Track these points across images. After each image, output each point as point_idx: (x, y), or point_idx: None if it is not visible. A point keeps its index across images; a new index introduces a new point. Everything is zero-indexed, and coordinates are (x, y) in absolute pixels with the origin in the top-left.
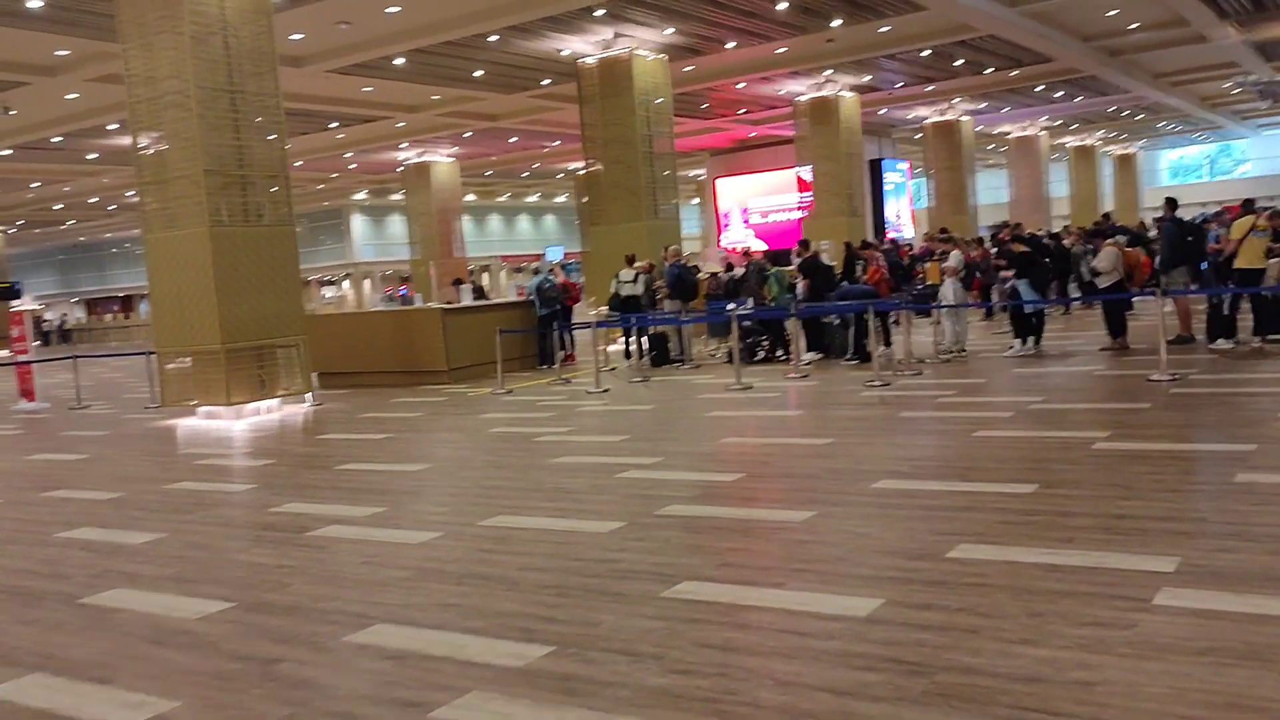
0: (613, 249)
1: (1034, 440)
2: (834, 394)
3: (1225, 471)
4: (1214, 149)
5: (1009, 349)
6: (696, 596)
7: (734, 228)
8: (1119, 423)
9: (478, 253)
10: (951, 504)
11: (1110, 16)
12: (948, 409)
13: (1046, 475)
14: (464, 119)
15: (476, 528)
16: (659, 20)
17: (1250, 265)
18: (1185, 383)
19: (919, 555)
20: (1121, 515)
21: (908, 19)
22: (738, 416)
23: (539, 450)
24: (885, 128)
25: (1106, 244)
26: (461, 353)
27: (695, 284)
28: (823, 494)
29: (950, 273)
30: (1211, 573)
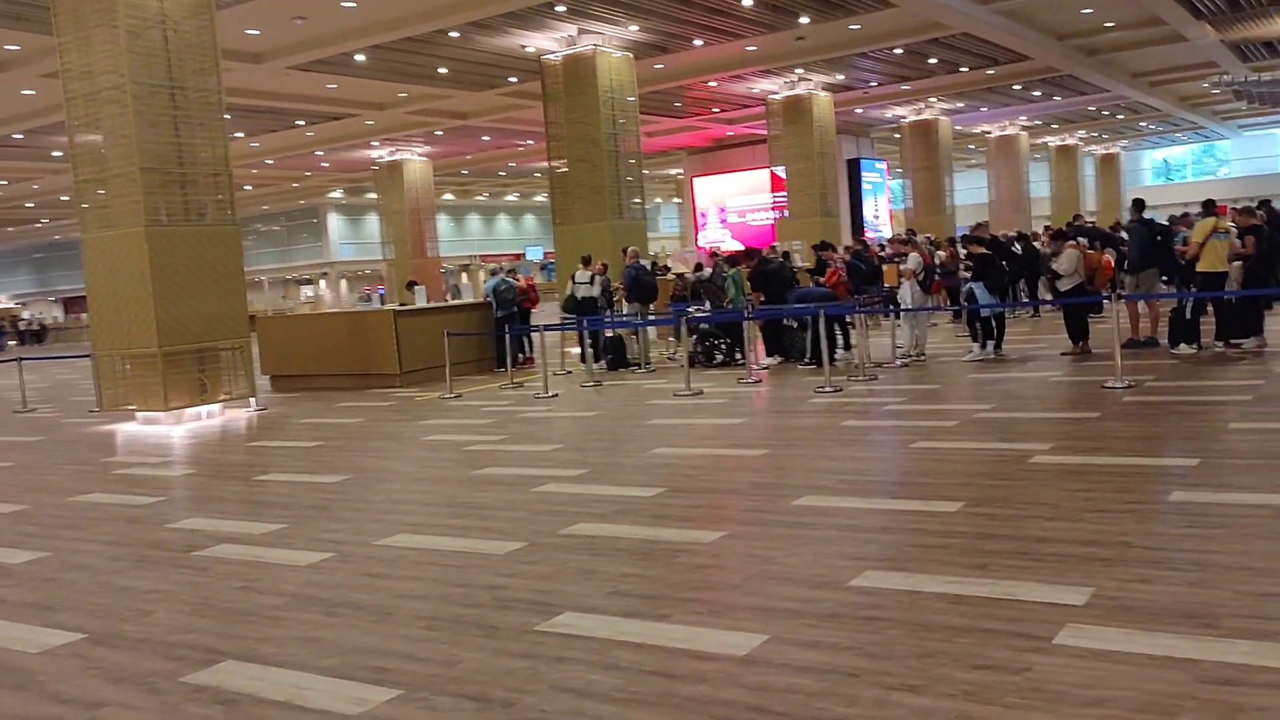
0: (579, 249)
1: (972, 453)
2: (782, 400)
3: (1161, 489)
4: (1198, 149)
5: (968, 353)
6: (573, 630)
7: (711, 227)
8: (1064, 434)
9: (457, 252)
10: (869, 524)
11: (1086, 15)
12: (893, 417)
13: (975, 492)
14: (434, 117)
15: (370, 548)
16: (623, 17)
17: (1212, 269)
18: (1141, 390)
19: (820, 583)
20: (1042, 538)
21: (878, 16)
22: (678, 425)
23: (465, 461)
24: (863, 127)
25: (1067, 246)
26: (415, 356)
27: (653, 286)
28: (739, 512)
29: (908, 275)
30: (1123, 606)
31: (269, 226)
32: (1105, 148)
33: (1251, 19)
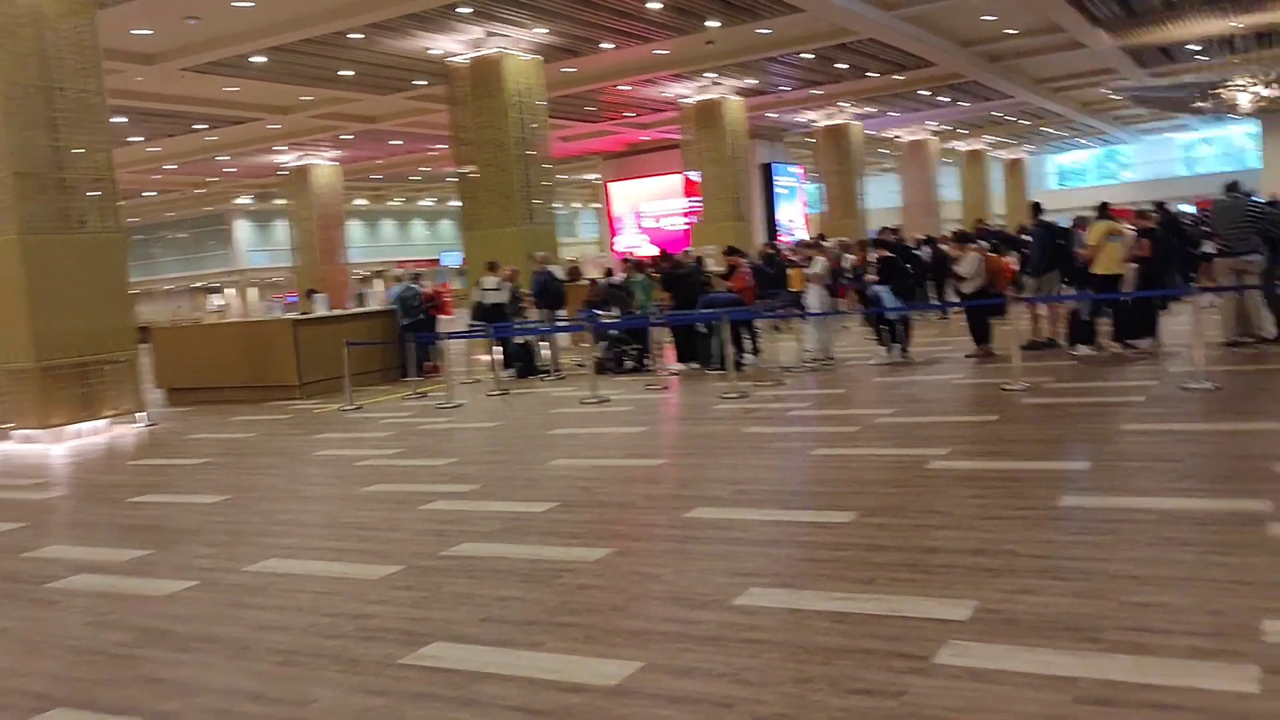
0: (490, 254)
1: (870, 459)
2: (687, 407)
3: (1052, 495)
4: (1100, 153)
5: (875, 357)
6: (438, 662)
7: (628, 232)
8: (961, 438)
9: (371, 258)
10: (760, 537)
11: (987, 22)
12: (796, 423)
13: (869, 501)
14: (341, 121)
15: (238, 574)
16: (530, 19)
17: (1108, 271)
18: (1039, 392)
19: (703, 603)
20: (932, 548)
21: (786, 21)
22: (580, 434)
23: (353, 477)
24: (777, 132)
25: (969, 249)
26: (315, 366)
27: (561, 292)
28: (629, 527)
29: (814, 280)
30: (1006, 620)
31: (175, 234)
32: (1011, 152)
33: (1146, 25)
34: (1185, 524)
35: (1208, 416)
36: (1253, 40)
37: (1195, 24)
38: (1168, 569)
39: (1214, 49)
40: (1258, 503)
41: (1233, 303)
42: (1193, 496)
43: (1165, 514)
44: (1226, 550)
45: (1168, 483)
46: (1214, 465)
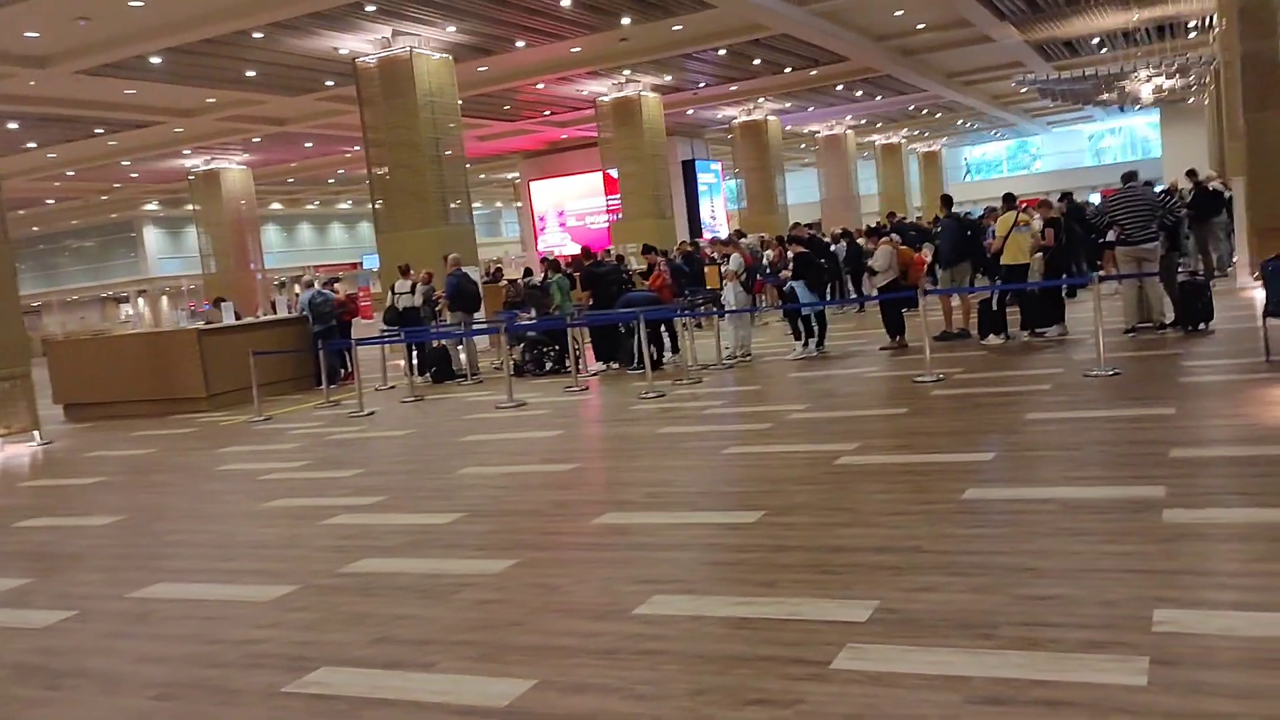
0: (404, 257)
1: (781, 457)
2: (603, 409)
3: (956, 487)
4: (1013, 145)
5: (792, 352)
6: (324, 689)
7: (551, 231)
8: (871, 432)
9: (290, 263)
10: (667, 541)
11: (898, 17)
12: (710, 422)
13: (777, 500)
14: (249, 123)
15: (122, 602)
16: (439, 18)
17: (1015, 261)
18: (949, 383)
19: (603, 613)
20: (837, 547)
21: (699, 17)
22: (492, 440)
23: (255, 493)
24: (696, 128)
25: (881, 243)
26: (223, 377)
27: (476, 294)
28: (536, 535)
29: (730, 277)
30: (905, 620)
31: (81, 242)
32: (928, 145)
33: (1050, 20)
34: (1083, 513)
35: (1108, 403)
36: (1152, 33)
37: (1097, 18)
38: (1064, 560)
39: (1116, 42)
40: (1153, 489)
41: (1133, 290)
42: (1091, 485)
43: (1064, 504)
44: (1121, 539)
45: (1068, 472)
46: (1112, 452)
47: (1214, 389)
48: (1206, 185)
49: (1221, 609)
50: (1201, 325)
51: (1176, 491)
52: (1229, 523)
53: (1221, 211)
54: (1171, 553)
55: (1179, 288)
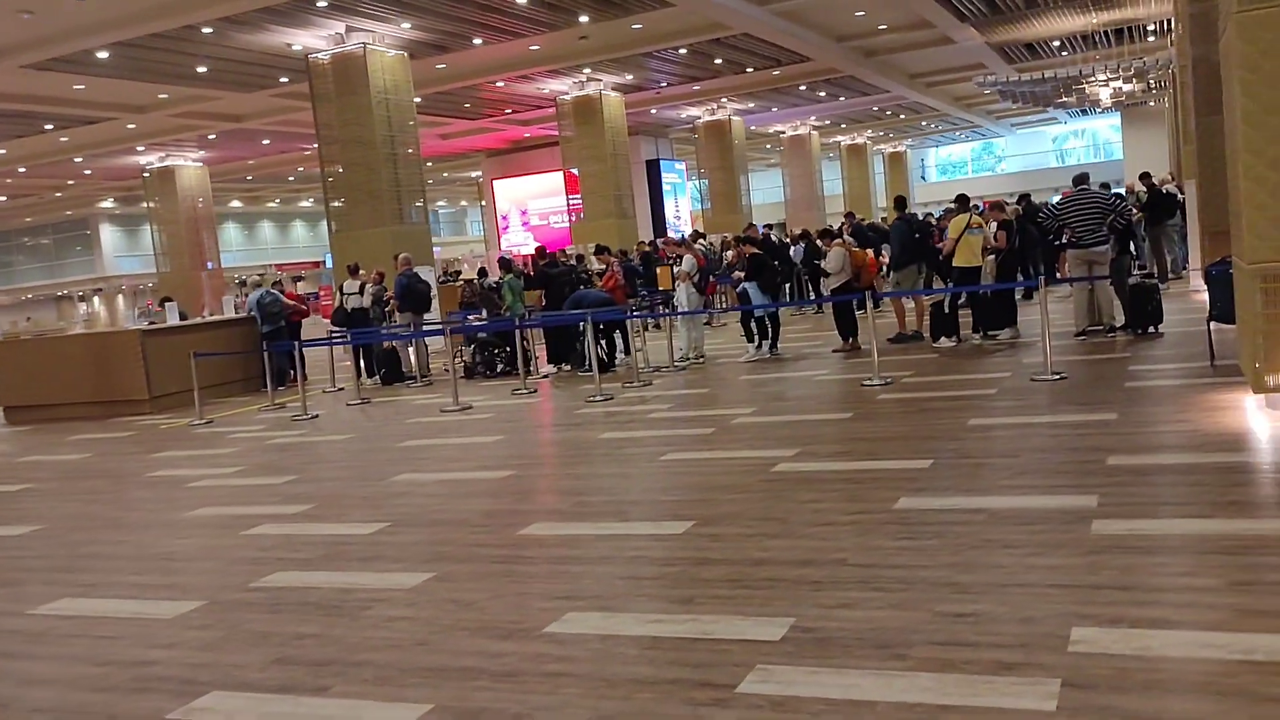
0: (358, 257)
1: (718, 463)
2: (549, 412)
3: (889, 496)
4: (978, 146)
5: (745, 354)
6: (210, 716)
7: (513, 230)
8: (813, 437)
9: (251, 262)
10: (590, 554)
11: (859, 17)
12: (653, 426)
13: (708, 509)
14: (203, 120)
15: (20, 619)
16: (394, 14)
17: (967, 263)
18: (896, 387)
19: (513, 632)
20: (761, 560)
21: (658, 16)
22: (432, 445)
23: (181, 501)
24: (661, 128)
25: (834, 244)
26: (168, 379)
27: (427, 294)
28: (457, 548)
29: (682, 278)
30: (819, 639)
31: (35, 240)
32: (893, 146)
33: (1010, 22)
34: (1012, 524)
35: (1052, 408)
36: (1112, 36)
37: (1057, 21)
38: (988, 574)
39: (1076, 45)
40: (1085, 499)
41: (1084, 293)
42: (1025, 494)
43: (994, 514)
44: (1048, 551)
45: (1003, 480)
46: (1050, 460)
47: (1158, 394)
48: (1160, 188)
49: (1140, 627)
50: (1151, 328)
51: (1109, 501)
52: (1157, 534)
53: (1175, 214)
54: (1096, 566)
55: (1129, 291)
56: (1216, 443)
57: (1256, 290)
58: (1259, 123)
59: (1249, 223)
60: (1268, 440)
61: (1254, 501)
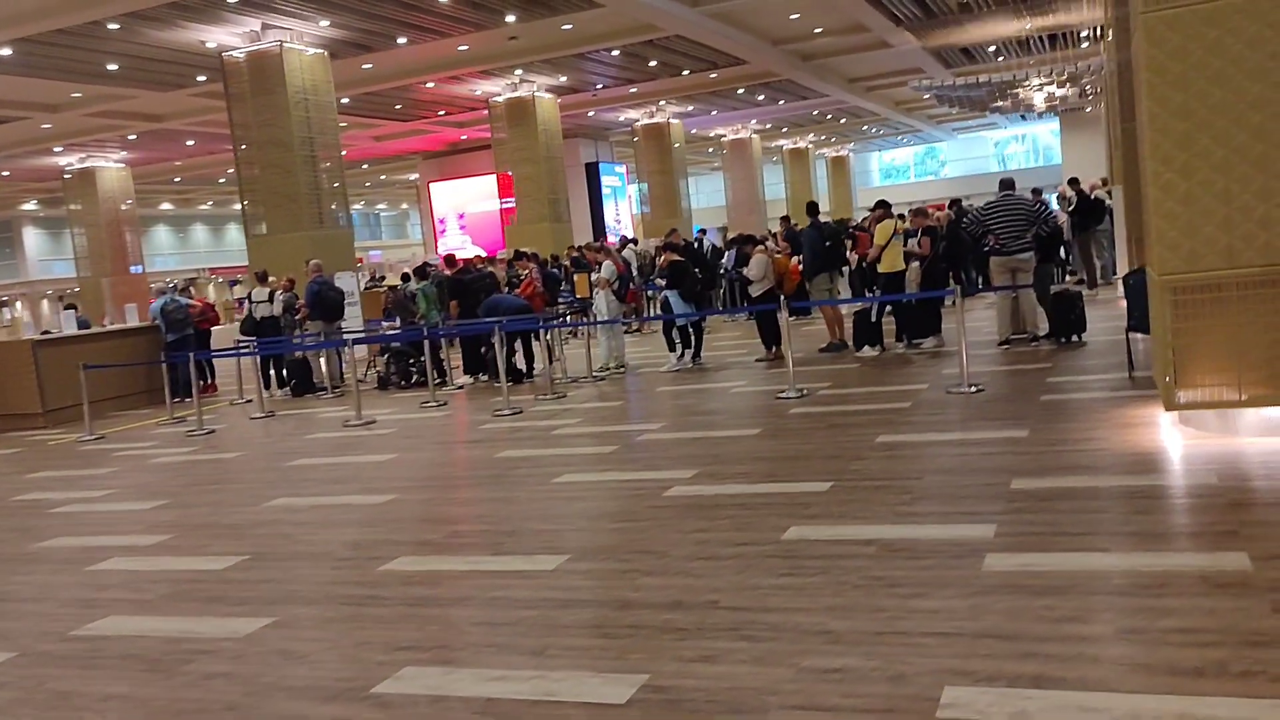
0: (275, 262)
1: (611, 487)
2: (453, 428)
3: (781, 524)
4: (921, 151)
5: (666, 364)
6: None
7: (451, 233)
8: (715, 456)
9: (185, 265)
10: (449, 594)
11: (794, 20)
12: (554, 444)
13: (588, 540)
14: (122, 119)
15: None
16: (311, 12)
17: (892, 269)
18: (811, 400)
19: (339, 693)
20: (628, 602)
21: (588, 16)
22: (320, 465)
23: (35, 530)
24: (601, 131)
25: (756, 251)
26: (64, 391)
27: (338, 302)
28: (312, 586)
29: (602, 285)
30: (669, 700)
31: None
32: (836, 150)
33: (945, 27)
34: (902, 558)
35: (964, 424)
36: (1046, 41)
37: (991, 26)
38: (865, 620)
39: (1012, 50)
40: (982, 528)
41: (1007, 301)
42: (920, 523)
43: (886, 545)
44: (933, 591)
45: (901, 505)
46: (952, 483)
47: (1072, 408)
48: (1090, 194)
49: (1018, 685)
50: (1075, 337)
51: (1005, 532)
52: (1050, 570)
53: (1104, 220)
54: (981, 610)
55: (1051, 299)
56: (1124, 464)
57: (1167, 303)
58: (1166, 128)
59: (1157, 232)
60: (1178, 461)
61: (1153, 532)
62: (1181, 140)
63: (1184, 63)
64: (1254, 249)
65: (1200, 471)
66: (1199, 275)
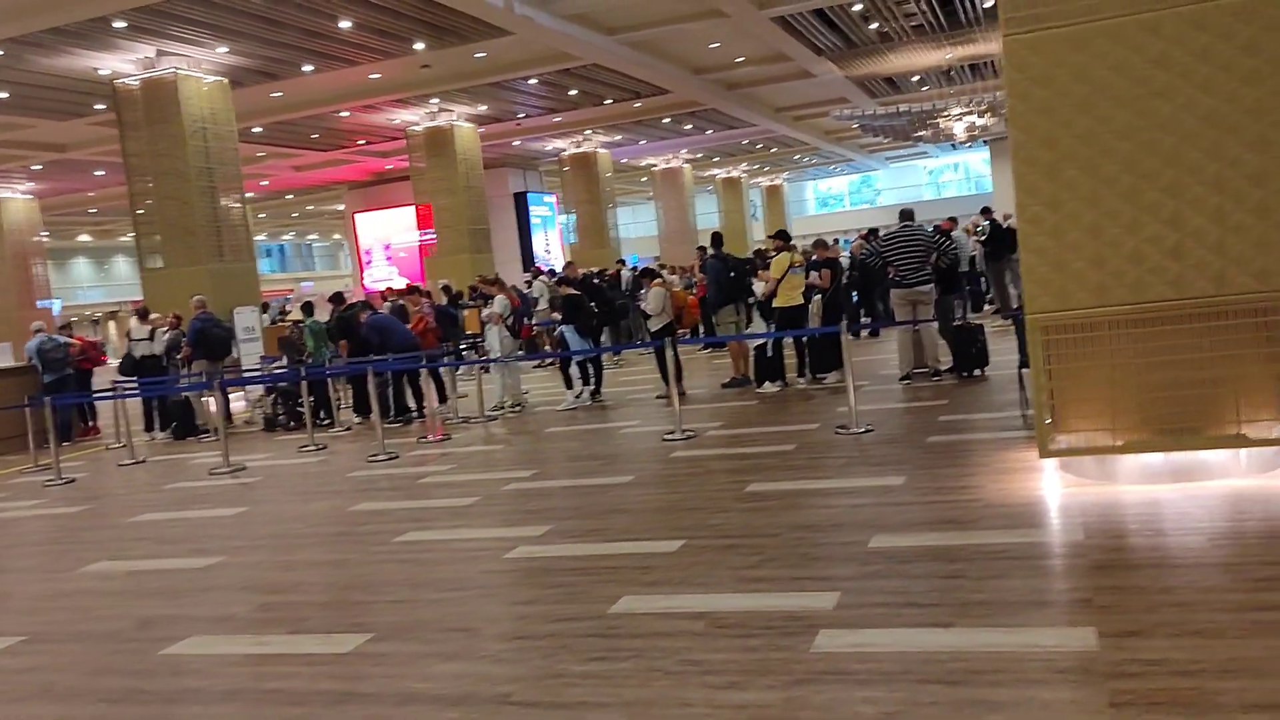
0: (172, 297)
1: (455, 547)
2: (323, 475)
3: (613, 594)
4: (857, 180)
5: (564, 402)
6: None
7: (377, 265)
8: (575, 509)
9: (108, 298)
10: (213, 687)
11: (714, 49)
12: (414, 495)
13: (402, 614)
14: (22, 149)
15: None
16: (207, 38)
17: (790, 303)
18: (697, 442)
19: None
20: (410, 696)
21: (500, 45)
22: (159, 522)
23: None
24: (529, 160)
25: (654, 284)
26: None
27: (224, 340)
28: (76, 677)
29: (494, 320)
30: None
31: None
32: (770, 179)
33: (866, 57)
34: (730, 636)
35: (842, 470)
36: (968, 71)
37: (913, 56)
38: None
39: (936, 80)
40: (824, 598)
41: (907, 335)
42: (759, 590)
43: (716, 620)
44: (751, 680)
45: (747, 568)
46: (809, 540)
47: (957, 451)
48: (1004, 222)
49: None
50: (977, 371)
51: (849, 602)
52: (882, 653)
53: (1017, 249)
54: (797, 704)
55: (953, 332)
56: (994, 517)
57: (1039, 343)
58: (1032, 158)
59: (1027, 268)
60: (1050, 514)
61: (1004, 601)
62: (1048, 171)
63: (1048, 89)
64: (1125, 286)
65: (1070, 526)
66: (1070, 314)
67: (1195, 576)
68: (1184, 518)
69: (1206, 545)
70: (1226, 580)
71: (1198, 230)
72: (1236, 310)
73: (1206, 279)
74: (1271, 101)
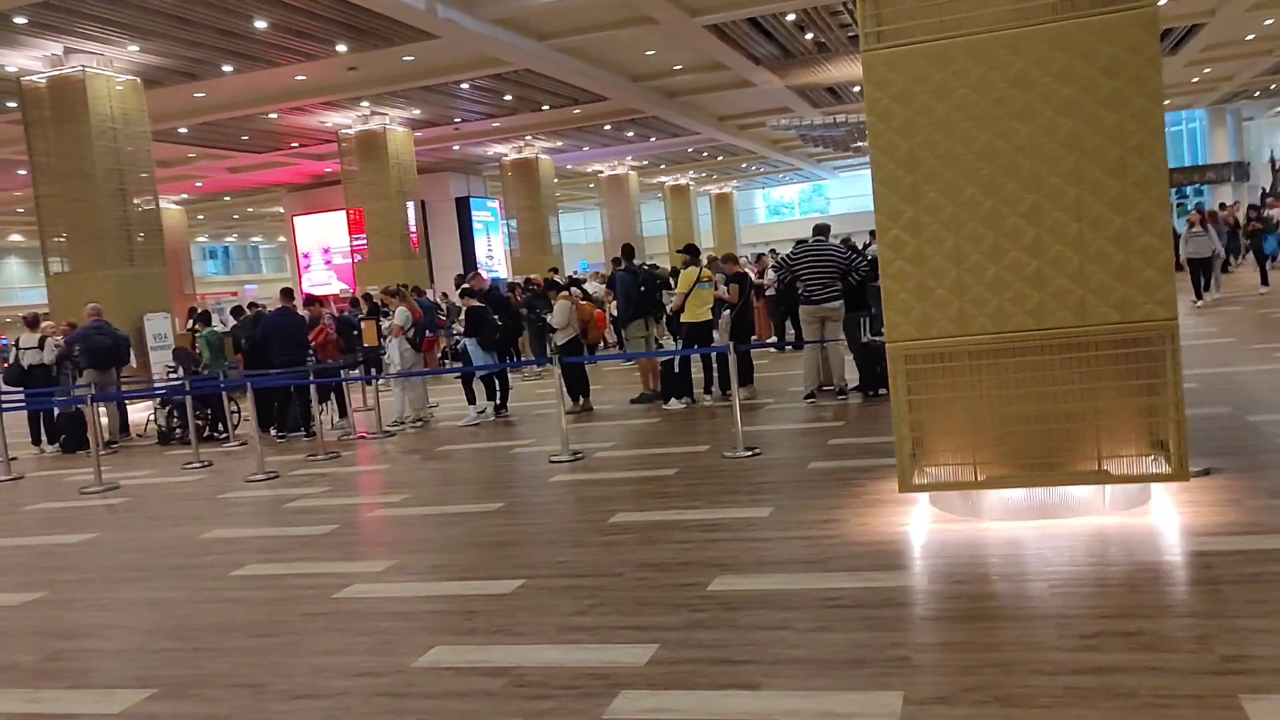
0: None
1: (288, 584)
2: (195, 495)
3: (425, 643)
4: (808, 188)
5: (465, 417)
6: None
7: (315, 269)
8: (428, 541)
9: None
10: None
11: (650, 57)
12: (276, 521)
13: (199, 665)
14: None
15: None
16: (116, 36)
17: (697, 319)
18: (584, 464)
19: None
20: None
21: (428, 48)
22: (3, 550)
23: None
24: (472, 165)
25: (560, 298)
26: None
27: (111, 348)
28: None
29: (395, 332)
30: None
31: None
32: (719, 187)
33: (805, 66)
34: (528, 698)
35: (711, 498)
36: None
37: (851, 66)
38: None
39: None
40: (641, 651)
41: (813, 352)
42: (580, 641)
43: (519, 678)
44: None
45: (572, 615)
46: (646, 583)
47: (833, 480)
48: None
49: None
50: (882, 390)
51: (662, 657)
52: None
53: None
54: None
55: (859, 350)
56: (845, 556)
57: (900, 372)
58: (892, 180)
59: (887, 294)
60: (904, 554)
61: (820, 659)
62: (909, 193)
63: (909, 107)
64: (986, 314)
65: (917, 569)
66: (931, 343)
67: (1024, 631)
68: (1035, 559)
69: (1046, 593)
70: (1054, 635)
71: (1058, 257)
72: (1097, 342)
73: (1067, 308)
74: (1132, 125)
